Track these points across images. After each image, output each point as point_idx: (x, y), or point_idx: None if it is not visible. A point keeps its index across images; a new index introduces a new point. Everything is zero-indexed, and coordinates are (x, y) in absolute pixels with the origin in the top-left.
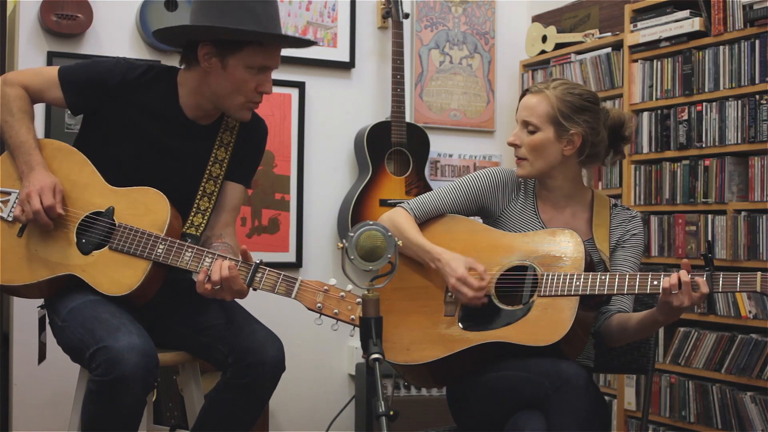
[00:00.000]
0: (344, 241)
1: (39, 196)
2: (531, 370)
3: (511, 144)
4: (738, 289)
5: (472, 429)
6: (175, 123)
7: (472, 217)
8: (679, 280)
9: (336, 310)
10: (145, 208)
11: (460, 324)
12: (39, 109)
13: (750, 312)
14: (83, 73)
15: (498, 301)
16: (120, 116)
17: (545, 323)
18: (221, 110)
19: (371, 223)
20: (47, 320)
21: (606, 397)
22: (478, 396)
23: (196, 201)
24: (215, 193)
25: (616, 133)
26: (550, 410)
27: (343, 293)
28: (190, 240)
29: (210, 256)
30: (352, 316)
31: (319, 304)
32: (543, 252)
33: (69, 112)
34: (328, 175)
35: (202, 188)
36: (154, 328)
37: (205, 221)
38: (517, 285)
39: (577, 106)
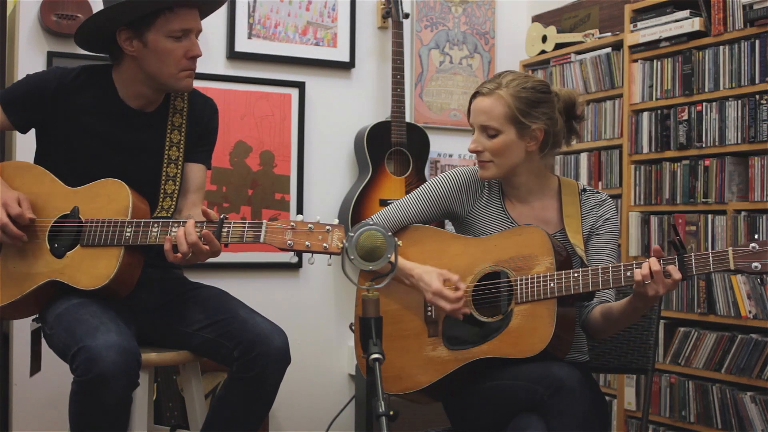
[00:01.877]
0: (344, 241)
1: (4, 209)
2: (524, 377)
3: (473, 151)
4: (712, 269)
5: (470, 431)
6: (122, 116)
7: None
8: (650, 269)
9: (307, 243)
10: (106, 199)
11: (445, 344)
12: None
13: (750, 312)
14: (19, 90)
15: (477, 313)
16: (67, 122)
17: (527, 332)
18: (162, 89)
19: (371, 223)
20: (41, 333)
21: (606, 397)
22: (475, 405)
23: (162, 185)
24: (179, 175)
25: (569, 113)
26: (547, 414)
27: (310, 225)
28: None
29: (176, 225)
30: (325, 245)
31: (289, 242)
32: (512, 254)
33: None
34: (328, 175)
35: (164, 173)
36: (155, 330)
37: (174, 203)
38: (493, 293)
39: (533, 100)
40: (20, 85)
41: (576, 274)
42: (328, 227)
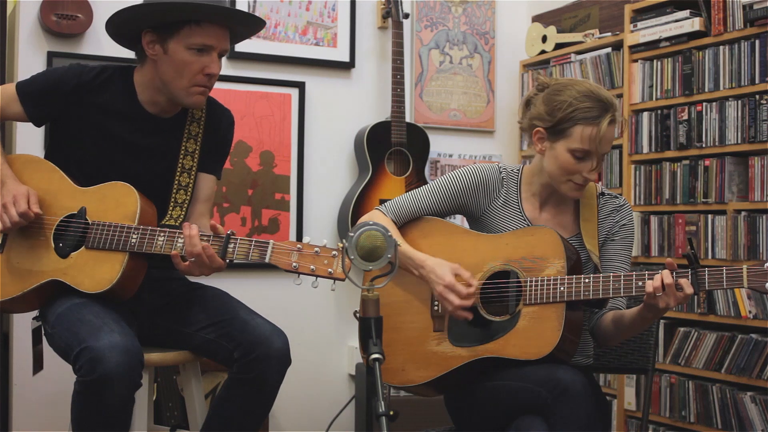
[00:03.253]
0: (344, 241)
1: (13, 205)
2: (528, 379)
3: (595, 181)
4: (725, 286)
5: (471, 431)
6: (138, 120)
7: (454, 216)
8: (662, 282)
9: (312, 267)
10: (115, 202)
11: (450, 340)
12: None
13: (750, 312)
14: (38, 83)
15: (484, 311)
16: (82, 120)
17: (534, 334)
18: (173, 100)
19: (371, 223)
20: (42, 331)
21: (606, 397)
22: (477, 404)
23: (173, 194)
24: (191, 185)
25: None
26: (550, 418)
27: (317, 249)
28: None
29: (182, 236)
30: (330, 270)
31: (294, 264)
32: (523, 254)
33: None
34: (328, 175)
35: (177, 182)
36: (156, 330)
37: (183, 213)
38: (502, 292)
39: None
40: (39, 78)
41: (587, 280)
42: (334, 252)
